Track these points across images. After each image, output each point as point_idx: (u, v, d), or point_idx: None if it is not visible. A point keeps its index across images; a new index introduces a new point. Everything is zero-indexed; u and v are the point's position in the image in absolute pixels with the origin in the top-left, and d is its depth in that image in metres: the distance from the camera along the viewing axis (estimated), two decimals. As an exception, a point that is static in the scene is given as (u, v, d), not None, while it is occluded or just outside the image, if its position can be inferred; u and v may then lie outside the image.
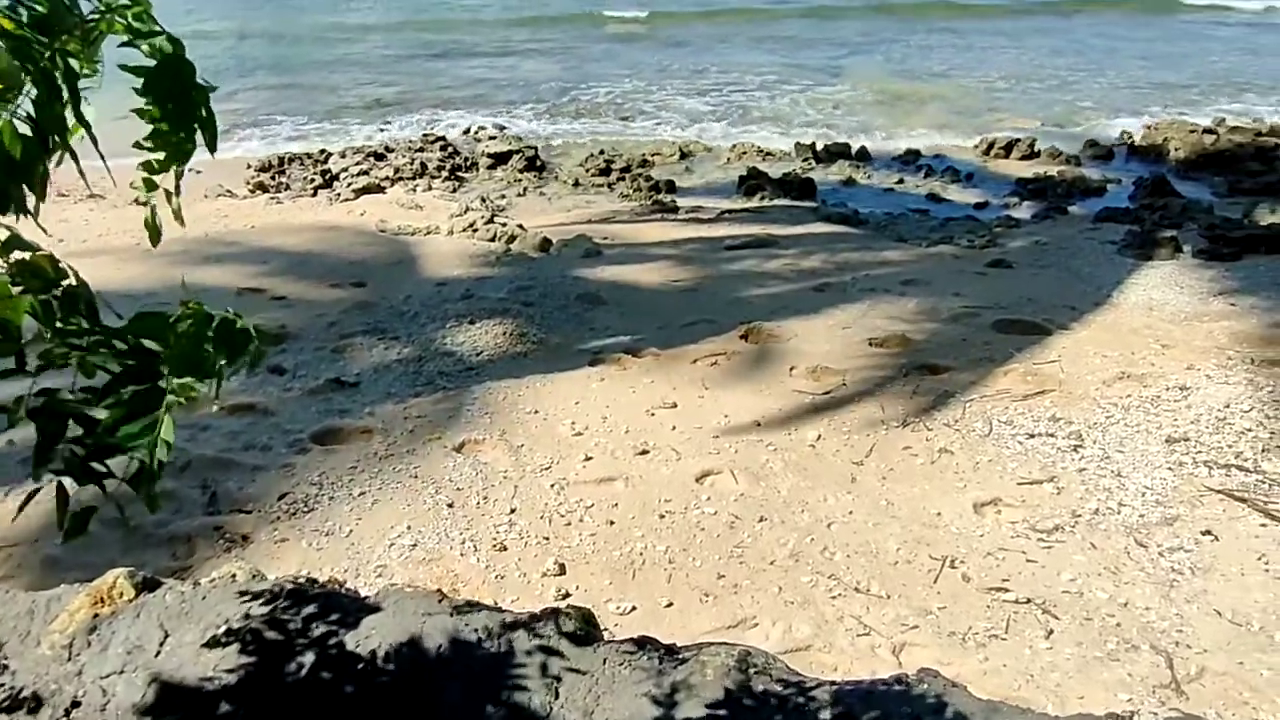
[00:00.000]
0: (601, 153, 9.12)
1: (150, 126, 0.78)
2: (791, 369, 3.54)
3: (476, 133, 10.45)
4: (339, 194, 7.57)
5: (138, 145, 0.84)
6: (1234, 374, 3.24)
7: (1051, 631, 1.97)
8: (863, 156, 8.91)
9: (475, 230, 6.21)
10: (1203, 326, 3.92)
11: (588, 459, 2.79)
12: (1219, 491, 2.48)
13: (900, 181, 8.08)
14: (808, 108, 11.47)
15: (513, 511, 2.46)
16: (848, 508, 2.48)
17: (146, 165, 0.85)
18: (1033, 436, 2.86)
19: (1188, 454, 2.70)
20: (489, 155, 8.96)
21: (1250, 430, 2.81)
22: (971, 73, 13.48)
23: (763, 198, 7.47)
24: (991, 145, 9.08)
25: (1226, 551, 2.23)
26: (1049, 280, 4.82)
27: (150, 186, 0.88)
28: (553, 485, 2.61)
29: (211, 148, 0.84)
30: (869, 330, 3.99)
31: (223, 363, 0.75)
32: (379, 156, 8.76)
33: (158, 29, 0.73)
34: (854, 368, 3.51)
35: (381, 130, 10.69)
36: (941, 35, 17.36)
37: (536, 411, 3.17)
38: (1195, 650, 1.89)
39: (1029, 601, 2.07)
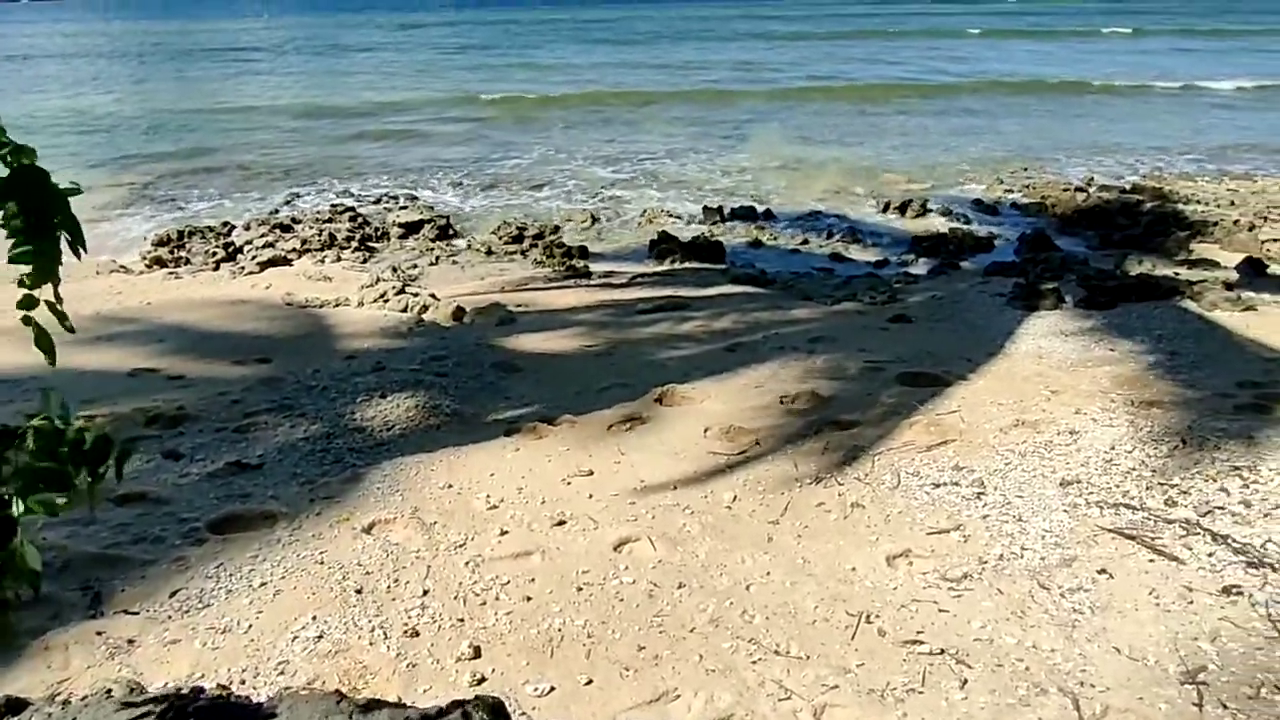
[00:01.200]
0: (514, 220, 9.18)
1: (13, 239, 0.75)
2: (706, 430, 3.58)
3: (387, 203, 10.39)
4: (243, 267, 7.36)
5: (11, 260, 0.80)
6: (1117, 416, 3.45)
7: (966, 681, 2.00)
8: (768, 218, 9.25)
9: (386, 301, 6.12)
10: (1087, 372, 4.17)
11: (503, 533, 2.73)
12: (1110, 530, 2.61)
13: (805, 242, 8.40)
14: (714, 173, 11.87)
15: (425, 593, 2.37)
16: (765, 568, 2.49)
17: (20, 282, 0.81)
18: (938, 486, 2.96)
19: (1080, 495, 2.84)
20: (400, 225, 8.91)
21: (1134, 469, 2.98)
22: (865, 139, 14.26)
23: (673, 261, 7.63)
24: (888, 205, 9.57)
25: (1121, 589, 2.33)
26: (946, 333, 5.06)
27: (28, 304, 0.83)
28: (467, 563, 2.54)
29: (76, 253, 0.81)
30: (780, 388, 4.08)
31: (88, 478, 0.71)
32: (285, 228, 8.59)
33: (5, 141, 0.71)
34: (767, 426, 3.58)
35: (288, 202, 10.52)
36: (836, 104, 18.36)
37: (450, 486, 3.10)
38: (1099, 689, 1.95)
39: (943, 652, 2.10)
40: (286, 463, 3.34)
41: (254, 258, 7.49)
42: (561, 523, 2.79)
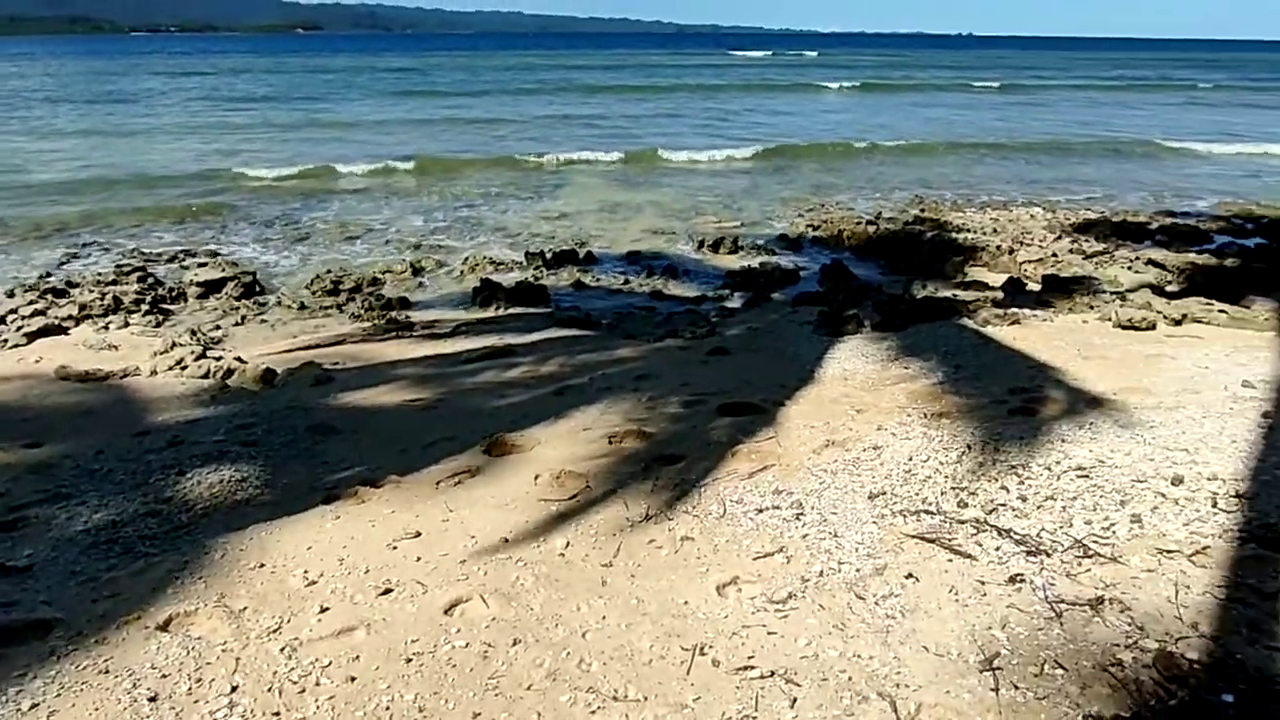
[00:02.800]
0: (329, 273, 8.78)
1: None
2: (537, 478, 3.55)
3: (183, 260, 9.62)
4: (5, 339, 6.52)
5: None
6: (913, 429, 3.76)
7: (795, 700, 2.08)
8: (590, 261, 9.41)
9: (184, 367, 5.63)
10: (886, 390, 4.53)
11: (324, 610, 2.55)
12: (914, 536, 2.83)
13: (626, 282, 8.61)
14: (534, 220, 11.96)
15: (234, 690, 2.16)
16: (601, 613, 2.48)
17: None
18: (761, 511, 3.09)
19: (887, 506, 3.06)
20: (199, 284, 8.27)
21: (930, 477, 3.26)
22: (676, 182, 14.92)
23: (498, 307, 7.58)
24: (703, 243, 10.03)
25: (926, 590, 2.53)
26: (762, 362, 5.34)
27: None
28: (283, 649, 2.34)
29: None
30: (609, 429, 4.12)
31: None
32: (59, 293, 7.73)
33: None
34: (597, 469, 3.59)
35: (63, 264, 9.49)
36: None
37: (262, 565, 2.86)
38: (912, 688, 2.09)
39: (773, 674, 2.18)
40: (62, 561, 2.96)
41: (19, 328, 6.66)
42: (388, 591, 2.65)
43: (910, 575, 2.60)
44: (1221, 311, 6.13)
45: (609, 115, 25.50)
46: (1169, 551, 2.67)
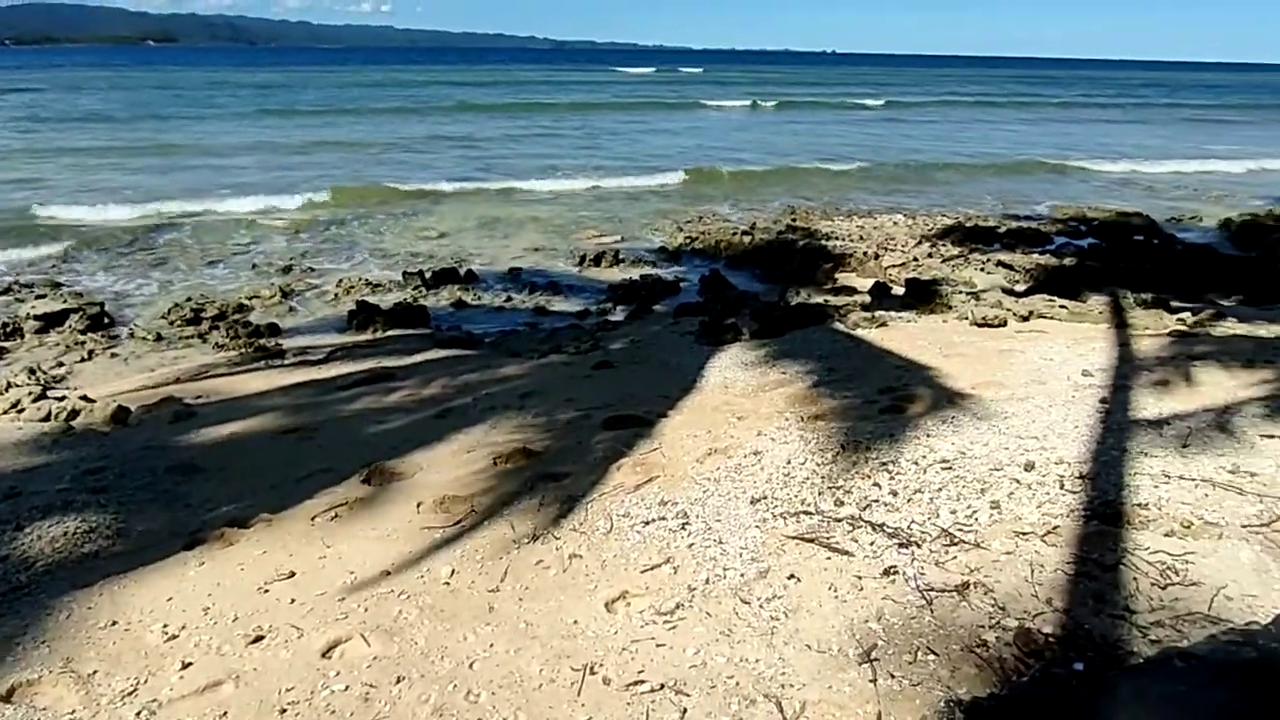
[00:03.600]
0: (189, 301, 8.27)
1: None
2: (419, 505, 3.44)
3: (18, 292, 8.83)
4: None
5: None
6: (790, 433, 3.89)
7: (685, 710, 2.10)
8: (471, 279, 9.27)
9: (20, 410, 5.16)
10: (765, 396, 4.66)
11: (186, 666, 2.37)
12: (794, 537, 2.92)
13: (509, 299, 8.53)
14: (411, 239, 11.67)
15: (83, 762, 1.98)
16: (488, 641, 2.43)
17: None
18: (648, 524, 3.11)
19: (768, 510, 3.14)
20: (37, 317, 7.60)
21: (808, 478, 3.37)
22: (558, 199, 14.92)
23: (375, 330, 7.34)
24: (584, 259, 10.06)
25: (808, 589, 2.61)
26: (645, 374, 5.39)
27: None
28: (139, 713, 2.16)
29: None
30: (493, 449, 4.05)
31: None
32: None
33: None
34: (482, 491, 3.52)
35: None
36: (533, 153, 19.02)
37: (115, 623, 2.64)
38: (796, 688, 2.15)
39: (663, 687, 2.19)
40: (-124, 637, 2.63)
41: None
42: (259, 639, 2.50)
43: (792, 576, 2.68)
44: (1063, 307, 6.67)
45: (488, 137, 25.04)
46: (1024, 534, 2.86)
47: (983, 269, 8.70)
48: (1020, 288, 8.02)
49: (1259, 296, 7.89)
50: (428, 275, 9.21)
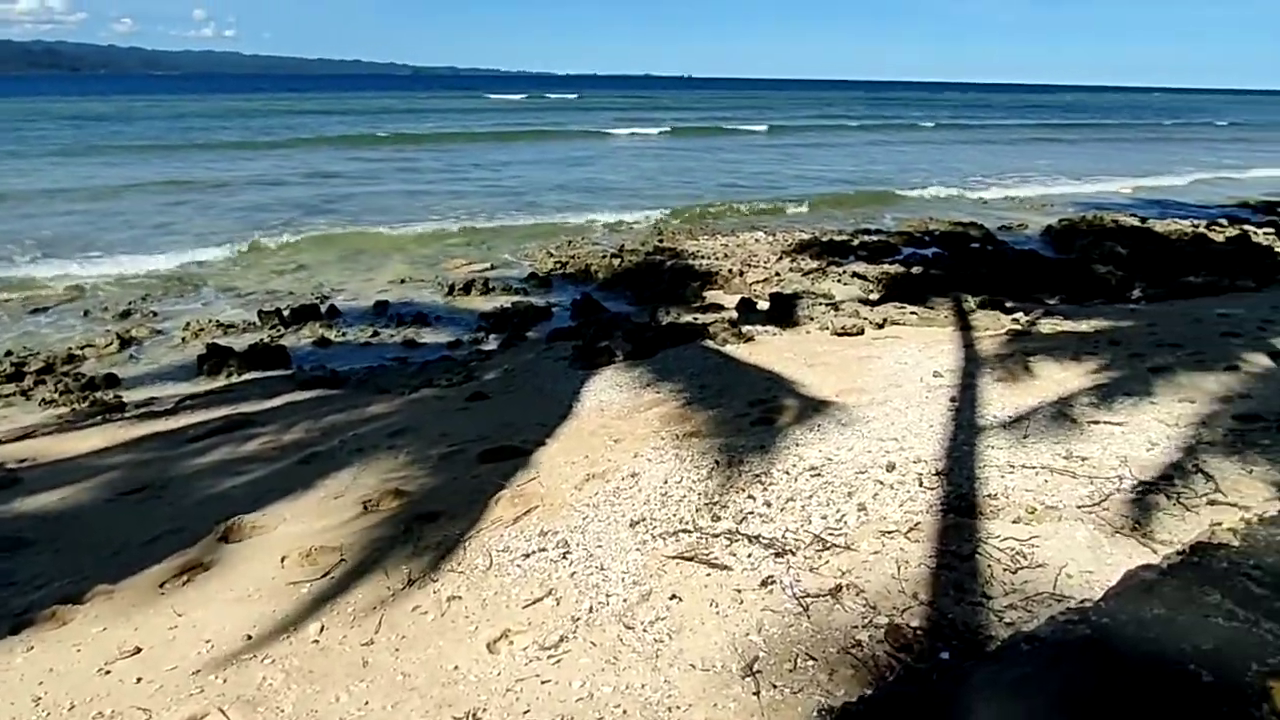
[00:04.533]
0: (8, 354, 7.51)
1: None
2: (283, 559, 3.24)
3: None
4: None
5: None
6: (666, 452, 3.93)
7: (573, 745, 2.06)
8: (334, 315, 8.89)
9: None
10: (641, 416, 4.70)
11: (14, 767, 2.12)
12: (674, 557, 2.94)
13: (375, 334, 8.23)
14: (266, 274, 11.08)
15: None
16: (363, 699, 2.30)
17: None
18: (528, 556, 3.05)
19: (648, 531, 3.16)
20: None
21: (685, 496, 3.41)
22: (424, 221, 14.58)
23: (230, 374, 6.90)
24: (453, 288, 9.85)
25: (690, 608, 2.63)
26: (521, 403, 5.32)
27: None
28: (-45, 828, 1.91)
29: None
30: (363, 493, 3.88)
31: None
32: None
33: None
34: (352, 539, 3.36)
35: None
36: (388, 194, 18.51)
37: (-76, 728, 2.32)
38: (683, 709, 2.15)
39: (550, 724, 2.14)
40: None
41: None
42: (100, 726, 2.26)
43: (674, 596, 2.69)
44: (913, 313, 7.10)
45: (341, 172, 23.88)
46: (890, 532, 3.00)
47: (840, 281, 9.17)
48: (874, 297, 8.50)
49: (1077, 294, 8.71)
50: (286, 313, 8.76)
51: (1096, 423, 4.03)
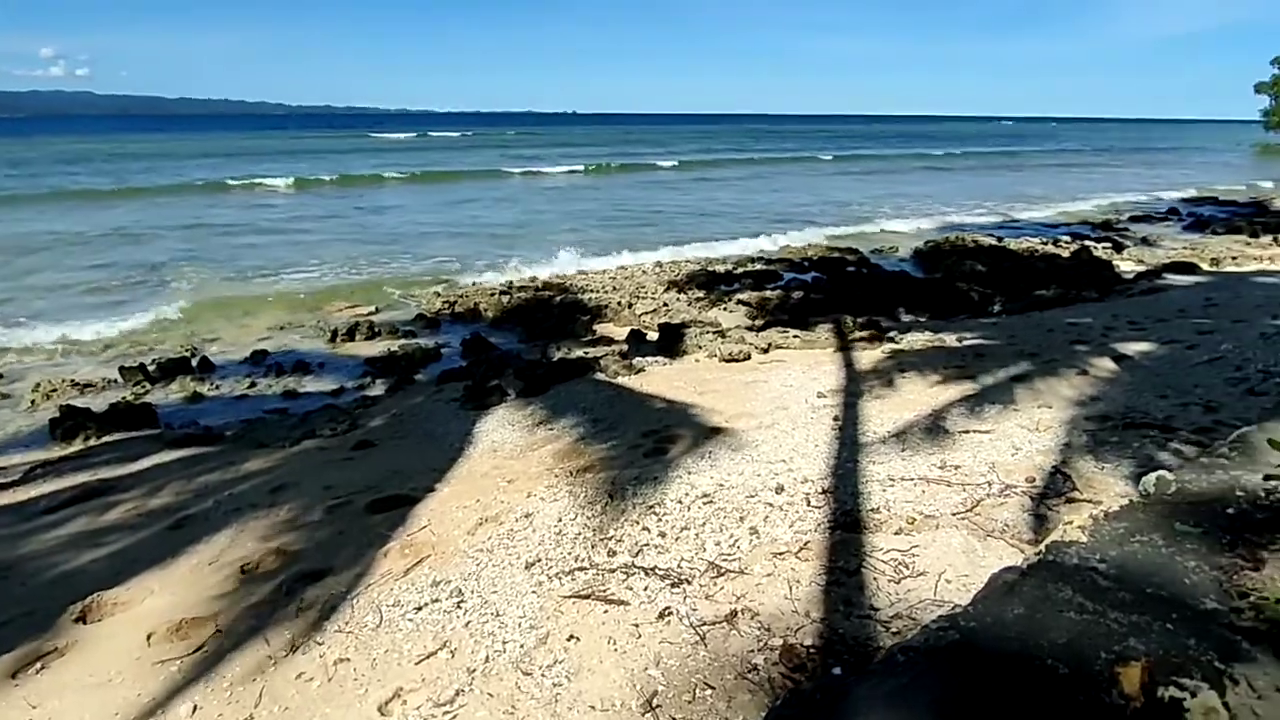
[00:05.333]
0: None
1: None
2: (150, 636, 3.00)
3: None
4: None
5: None
6: (559, 490, 3.90)
7: (472, 804, 1.99)
8: (206, 368, 8.41)
9: None
10: (534, 455, 4.65)
11: None
12: (571, 596, 2.91)
13: (253, 385, 7.83)
14: (130, 324, 10.37)
15: None
16: (242, 779, 2.15)
17: None
18: (420, 609, 2.95)
19: (543, 572, 3.11)
20: None
21: (580, 534, 3.39)
22: (302, 268, 14.05)
23: (88, 438, 6.40)
24: (336, 333, 9.51)
25: (588, 648, 2.60)
26: (410, 449, 5.17)
27: None
28: None
29: None
30: (241, 556, 3.66)
31: None
32: None
33: None
34: (229, 607, 3.16)
35: None
36: (267, 237, 17.79)
37: None
38: (584, 753, 2.12)
39: (447, 784, 2.06)
40: None
41: None
42: (-66, 845, 2.02)
43: (572, 637, 2.66)
44: (796, 336, 7.36)
45: (213, 220, 22.83)
46: (781, 554, 3.08)
47: (725, 309, 9.41)
48: (759, 323, 8.76)
49: (945, 311, 9.26)
50: (152, 368, 8.21)
51: (967, 432, 4.27)
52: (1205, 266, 11.59)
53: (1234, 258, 12.21)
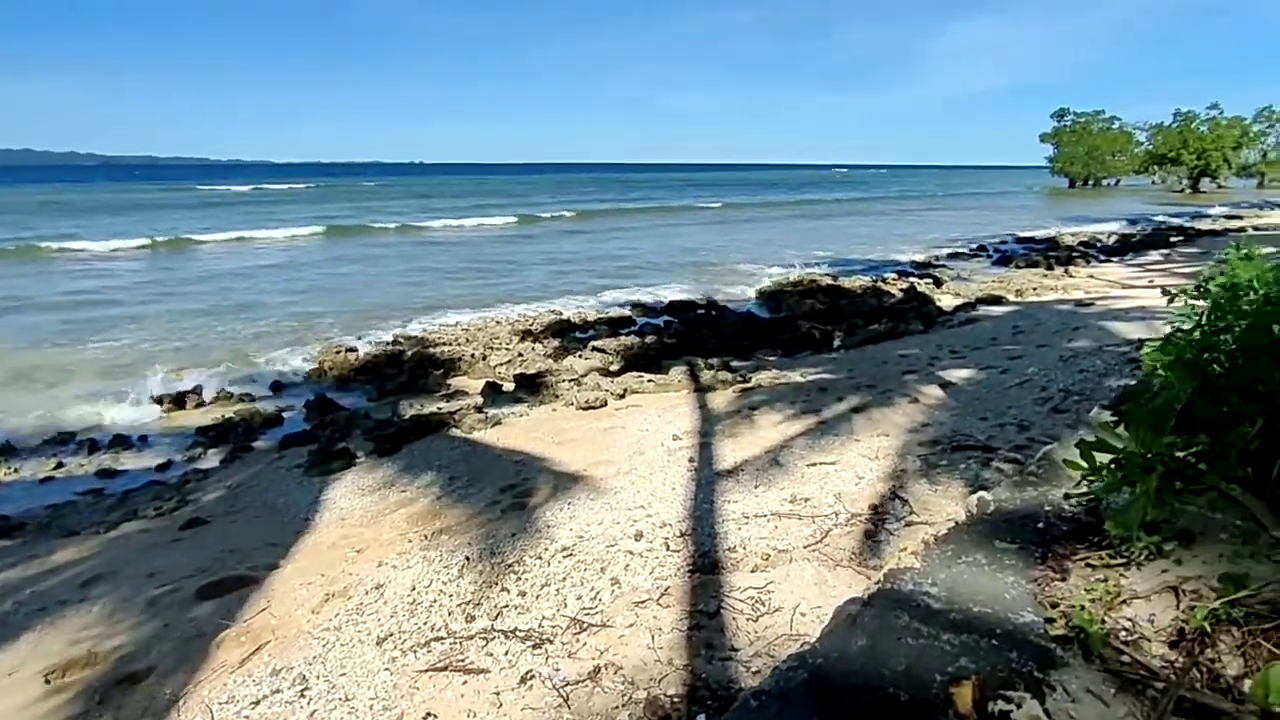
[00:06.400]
0: None
1: None
2: (-74, 772, 2.58)
3: None
4: None
5: None
6: (413, 556, 3.73)
7: None
8: (2, 450, 7.47)
9: None
10: (386, 519, 4.43)
11: None
12: (427, 670, 2.76)
13: (60, 465, 7.03)
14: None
15: None
16: None
17: None
18: (258, 703, 2.70)
19: (397, 647, 2.94)
20: None
21: (435, 601, 3.24)
22: (118, 332, 12.89)
23: None
24: (162, 400, 8.75)
25: (447, 724, 2.46)
26: (247, 524, 4.79)
27: None
28: None
29: None
30: (45, 664, 3.24)
31: None
32: None
33: None
34: (26, 725, 2.77)
35: None
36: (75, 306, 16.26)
37: None
38: (444, 840, 1.99)
39: None
40: None
41: None
42: None
43: (429, 715, 2.52)
44: (650, 380, 7.48)
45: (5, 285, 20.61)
46: (642, 602, 3.06)
47: (581, 356, 9.43)
48: (615, 368, 8.84)
49: (789, 348, 9.72)
50: (-67, 455, 7.21)
51: (814, 464, 4.46)
52: (1011, 297, 12.83)
53: (1034, 288, 13.61)
